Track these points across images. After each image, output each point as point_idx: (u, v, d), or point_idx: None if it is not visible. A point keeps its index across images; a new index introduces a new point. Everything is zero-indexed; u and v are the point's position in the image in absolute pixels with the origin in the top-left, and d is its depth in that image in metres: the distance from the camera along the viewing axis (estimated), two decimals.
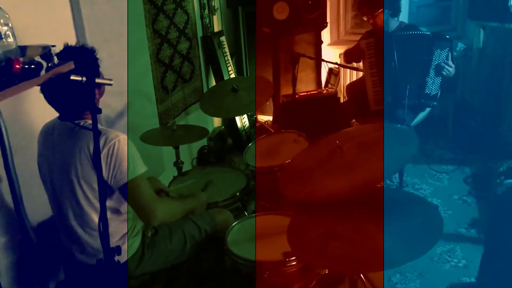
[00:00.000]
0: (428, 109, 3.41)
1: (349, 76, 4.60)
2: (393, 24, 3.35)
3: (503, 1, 3.60)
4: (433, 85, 3.18)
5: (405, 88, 3.09)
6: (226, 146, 4.18)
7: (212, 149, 4.05)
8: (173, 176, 2.57)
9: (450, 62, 3.07)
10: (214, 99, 2.71)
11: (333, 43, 4.76)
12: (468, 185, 3.42)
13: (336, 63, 3.53)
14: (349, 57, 3.58)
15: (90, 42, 2.38)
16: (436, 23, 4.61)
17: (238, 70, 4.50)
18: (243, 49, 4.51)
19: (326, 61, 3.73)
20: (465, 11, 4.33)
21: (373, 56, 3.28)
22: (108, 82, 1.58)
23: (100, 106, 1.77)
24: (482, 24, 3.96)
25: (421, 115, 3.43)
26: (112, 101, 2.62)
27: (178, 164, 2.58)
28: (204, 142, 4.01)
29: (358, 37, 4.60)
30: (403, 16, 4.01)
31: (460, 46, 4.25)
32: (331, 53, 4.74)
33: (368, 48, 3.29)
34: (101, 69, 1.88)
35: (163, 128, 2.89)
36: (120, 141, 1.69)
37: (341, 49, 4.68)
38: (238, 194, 2.29)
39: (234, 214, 2.21)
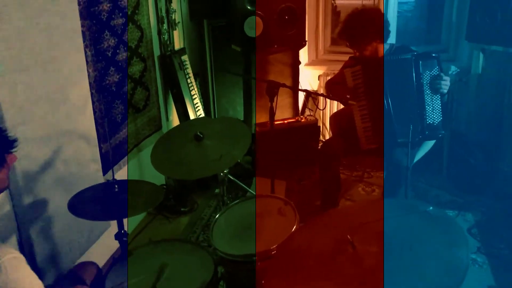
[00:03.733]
0: (431, 143, 2.91)
1: (329, 100, 4.06)
2: (382, 48, 2.83)
3: (508, 23, 3.14)
4: (433, 113, 2.66)
5: (403, 123, 2.58)
6: (189, 184, 3.53)
7: (171, 188, 3.41)
8: (113, 259, 1.91)
9: (443, 75, 2.58)
10: (169, 152, 2.04)
11: (311, 63, 4.21)
12: (474, 237, 2.91)
13: (321, 94, 2.95)
14: (333, 89, 3.02)
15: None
16: (425, 43, 4.15)
17: (203, 93, 3.87)
18: (209, 69, 3.89)
19: (309, 92, 3.17)
20: (459, 31, 3.88)
21: (361, 86, 2.74)
22: None
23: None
24: (481, 47, 3.49)
25: (422, 151, 2.92)
26: (33, 149, 1.96)
27: (121, 237, 1.89)
28: (161, 179, 3.37)
29: (338, 57, 4.15)
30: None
31: (453, 69, 3.78)
32: (308, 74, 4.19)
33: (354, 78, 2.75)
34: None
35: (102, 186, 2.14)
36: (5, 267, 1.05)
37: (319, 70, 4.15)
38: None
39: None
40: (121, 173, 2.81)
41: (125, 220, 1.84)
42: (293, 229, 1.69)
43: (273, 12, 3.54)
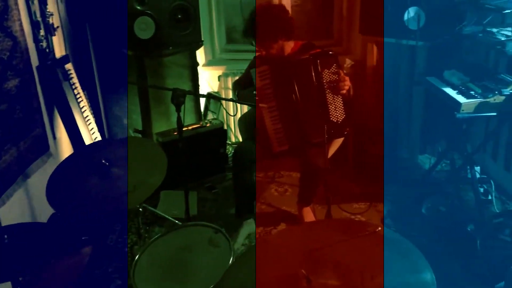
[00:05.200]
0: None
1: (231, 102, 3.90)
2: (288, 46, 2.74)
3: (399, 15, 3.25)
4: (336, 111, 2.64)
5: (312, 122, 2.54)
6: None
7: None
8: None
9: (343, 76, 2.57)
10: (68, 190, 1.69)
11: (208, 64, 4.01)
12: (389, 227, 2.98)
13: (231, 100, 2.78)
14: (240, 91, 2.86)
15: None
16: (317, 37, 4.17)
17: (94, 108, 3.46)
18: (96, 78, 3.50)
19: (219, 98, 2.96)
20: (350, 24, 3.96)
21: (269, 86, 2.62)
22: None
23: None
24: (374, 39, 3.58)
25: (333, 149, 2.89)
26: None
27: None
28: None
29: (236, 55, 4.01)
30: None
31: (348, 63, 3.85)
32: (207, 75, 3.99)
33: (262, 78, 2.61)
34: None
35: None
36: None
37: (218, 70, 3.97)
38: None
39: None
40: (5, 210, 2.36)
41: None
42: (229, 263, 1.50)
43: (165, 11, 3.27)
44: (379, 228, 1.33)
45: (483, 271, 2.44)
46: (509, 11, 2.87)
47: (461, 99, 2.59)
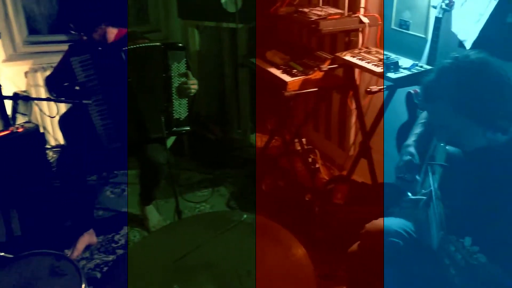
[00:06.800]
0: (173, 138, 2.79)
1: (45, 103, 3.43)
2: (111, 33, 2.50)
3: None
4: (180, 107, 2.55)
5: (153, 117, 2.38)
6: None
7: None
8: None
9: (190, 74, 2.50)
10: None
11: (9, 59, 3.44)
12: (234, 209, 3.00)
13: (46, 99, 2.41)
14: (55, 85, 2.51)
15: None
16: (134, 24, 3.93)
17: None
18: None
19: (29, 99, 2.54)
20: (168, 9, 3.82)
21: (94, 78, 2.36)
22: None
23: None
24: (195, 23, 3.52)
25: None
26: None
27: None
28: None
29: (44, 47, 3.54)
30: None
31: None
32: (10, 72, 3.43)
33: (84, 68, 2.34)
34: None
35: None
36: None
37: (23, 66, 3.45)
38: None
39: None
40: None
41: None
42: None
43: None
44: (245, 216, 1.27)
45: (322, 235, 2.63)
46: None
47: (286, 78, 2.71)
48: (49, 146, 3.52)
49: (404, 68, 2.34)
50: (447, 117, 1.31)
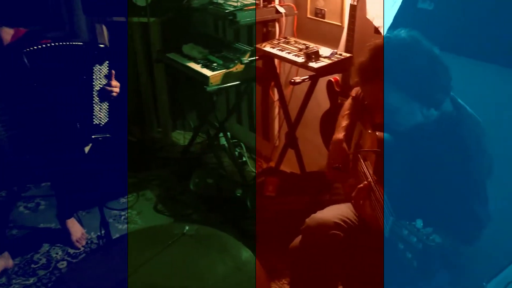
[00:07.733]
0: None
1: None
2: (7, 34, 2.25)
3: None
4: (101, 112, 2.36)
5: (69, 121, 2.20)
6: None
7: None
8: None
9: (114, 81, 2.32)
10: None
11: None
12: (162, 213, 2.88)
13: None
14: None
15: None
16: (31, 23, 3.59)
17: None
18: None
19: None
20: (70, 6, 3.53)
21: None
22: None
23: None
24: (102, 19, 3.29)
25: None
26: None
27: None
28: None
29: None
30: None
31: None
32: None
33: None
34: None
35: None
36: None
37: None
38: None
39: None
40: None
41: None
42: None
43: None
44: (187, 228, 1.19)
45: (257, 229, 2.61)
46: None
47: (207, 72, 2.62)
48: None
49: (325, 57, 2.36)
50: (385, 95, 1.32)
